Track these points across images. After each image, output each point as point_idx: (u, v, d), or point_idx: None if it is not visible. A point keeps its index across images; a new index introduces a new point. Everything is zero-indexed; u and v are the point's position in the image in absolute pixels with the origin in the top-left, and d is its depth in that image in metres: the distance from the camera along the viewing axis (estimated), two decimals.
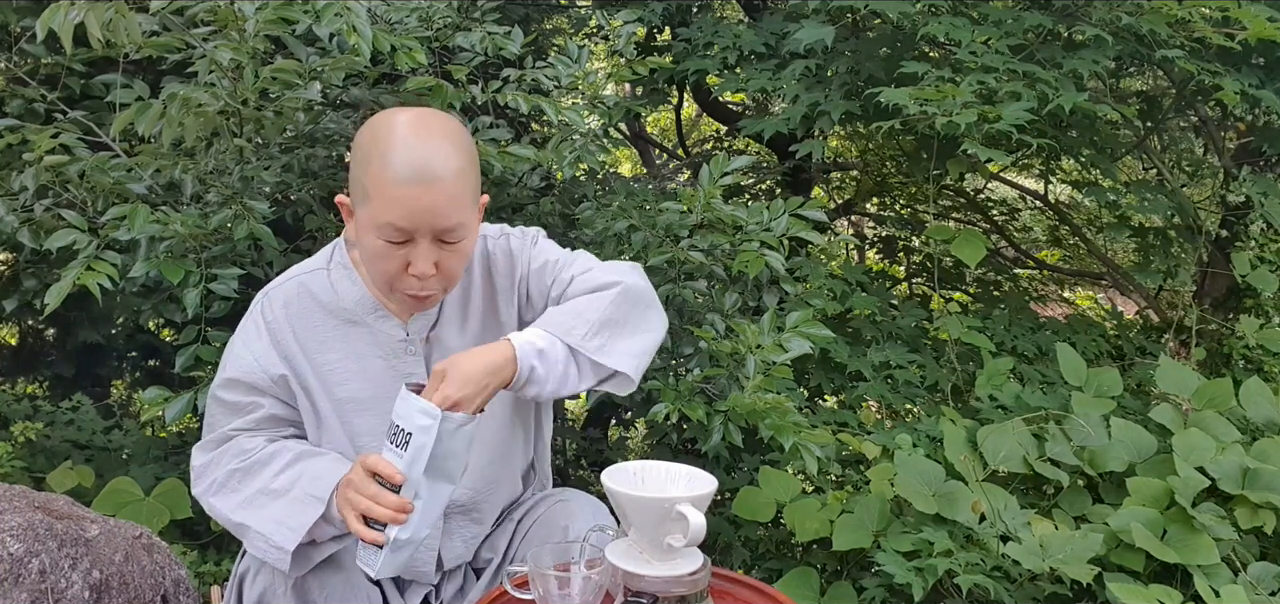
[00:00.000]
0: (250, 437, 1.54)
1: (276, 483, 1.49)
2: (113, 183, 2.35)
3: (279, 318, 1.55)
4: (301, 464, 1.50)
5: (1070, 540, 2.16)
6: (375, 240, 1.43)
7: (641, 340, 1.55)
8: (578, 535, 1.47)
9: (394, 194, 1.39)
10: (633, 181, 3.71)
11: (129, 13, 2.05)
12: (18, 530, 1.74)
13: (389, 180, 1.39)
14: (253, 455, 1.52)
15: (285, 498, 1.47)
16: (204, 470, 1.55)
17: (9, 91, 2.90)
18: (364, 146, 1.44)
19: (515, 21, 2.79)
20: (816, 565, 2.49)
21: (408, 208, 1.39)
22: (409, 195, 1.38)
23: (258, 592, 1.49)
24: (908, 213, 4.73)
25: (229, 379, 1.55)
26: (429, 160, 1.40)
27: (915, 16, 3.03)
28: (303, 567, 1.50)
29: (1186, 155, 4.38)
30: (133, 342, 4.13)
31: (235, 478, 1.51)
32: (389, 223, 1.40)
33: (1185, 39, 2.83)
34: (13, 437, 3.43)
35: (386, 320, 1.56)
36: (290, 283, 1.58)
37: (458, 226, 1.43)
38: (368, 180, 1.41)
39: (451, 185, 1.41)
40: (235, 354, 1.56)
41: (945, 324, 3.04)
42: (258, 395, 1.54)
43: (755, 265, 2.34)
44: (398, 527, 1.36)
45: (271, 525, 1.47)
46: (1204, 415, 2.51)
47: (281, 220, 2.73)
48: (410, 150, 1.39)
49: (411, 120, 1.43)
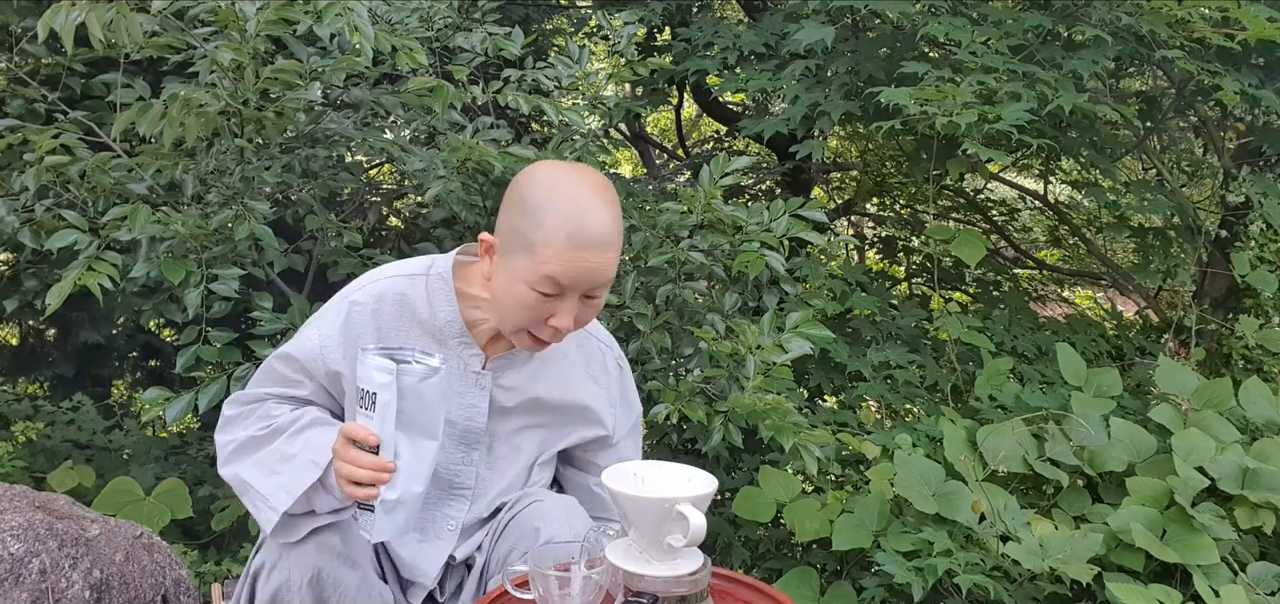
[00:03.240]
0: (279, 404, 1.59)
1: (287, 449, 1.53)
2: (113, 183, 2.35)
3: (366, 309, 1.58)
4: (309, 433, 1.53)
5: (1070, 540, 2.16)
6: (526, 291, 1.46)
7: None
8: (550, 538, 1.51)
9: (567, 255, 1.43)
10: (633, 182, 3.72)
11: (130, 13, 2.06)
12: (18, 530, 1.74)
13: (563, 240, 1.42)
14: (273, 423, 1.56)
15: (291, 463, 1.51)
16: (230, 423, 1.60)
17: (10, 92, 2.90)
18: (532, 200, 1.46)
19: (516, 22, 2.79)
20: (816, 565, 2.49)
21: (576, 269, 1.43)
22: (580, 258, 1.43)
23: (273, 587, 1.49)
24: (908, 213, 4.73)
25: (288, 354, 1.59)
26: (602, 223, 1.44)
27: (915, 16, 3.03)
28: (291, 533, 1.52)
29: (1186, 155, 4.39)
30: (133, 342, 4.13)
31: (252, 445, 1.56)
32: (551, 277, 1.43)
33: (1185, 39, 2.83)
34: (13, 436, 3.44)
35: (469, 349, 1.60)
36: (388, 282, 1.61)
37: (607, 287, 1.50)
38: (537, 235, 1.44)
39: (616, 250, 1.47)
40: (305, 336, 1.60)
41: (945, 324, 3.04)
42: (306, 377, 1.59)
43: (755, 266, 2.35)
44: (386, 487, 1.39)
45: (271, 487, 1.51)
46: (1203, 415, 2.51)
47: (282, 220, 2.73)
48: (585, 213, 1.43)
49: (583, 183, 1.47)
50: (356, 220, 2.79)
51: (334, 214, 2.78)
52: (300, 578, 1.49)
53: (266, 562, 1.51)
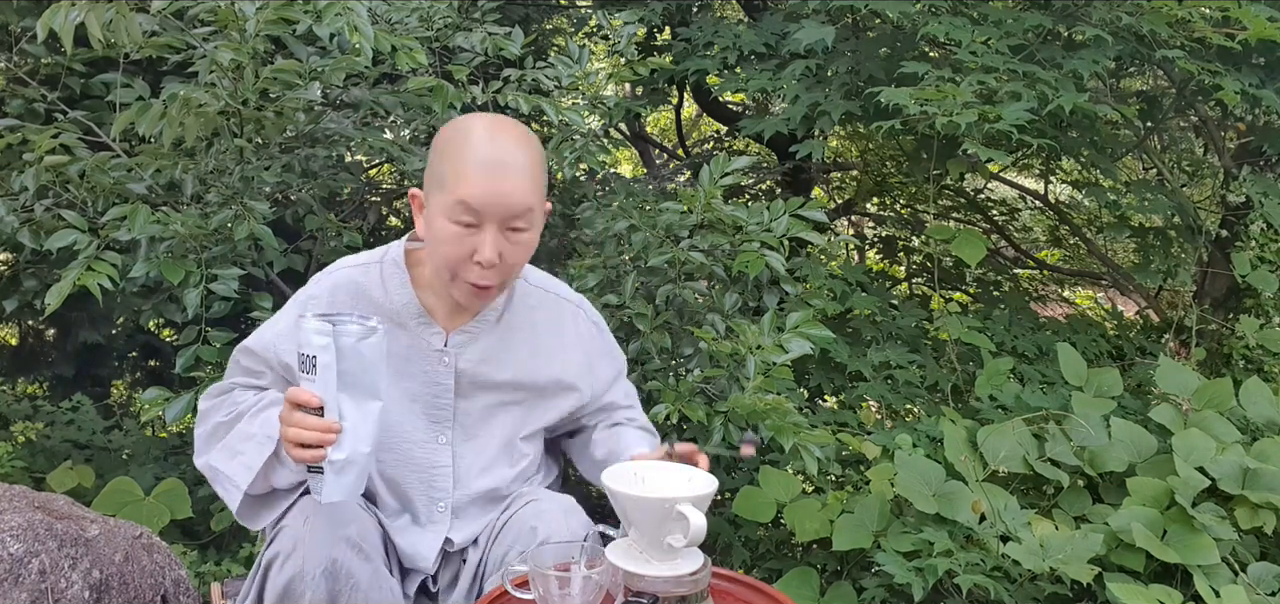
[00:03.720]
0: (243, 393, 1.64)
1: (247, 429, 1.58)
2: (113, 183, 2.35)
3: (321, 302, 1.62)
4: (267, 412, 1.57)
5: (1070, 540, 2.16)
6: (446, 225, 1.51)
7: None
8: (547, 537, 1.52)
9: (472, 174, 1.49)
10: (633, 182, 3.71)
11: (129, 13, 2.06)
12: (18, 530, 1.74)
13: (468, 162, 1.50)
14: (237, 408, 1.61)
15: (250, 441, 1.56)
16: (204, 416, 1.66)
17: (9, 91, 2.90)
18: (445, 138, 1.56)
19: (515, 22, 2.79)
20: (816, 565, 2.49)
21: (486, 191, 1.49)
22: (488, 180, 1.49)
23: (287, 577, 1.49)
24: (908, 213, 4.73)
25: (247, 347, 1.66)
26: (507, 149, 1.52)
27: (915, 16, 3.03)
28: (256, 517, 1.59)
29: (1186, 155, 4.39)
30: (133, 342, 4.13)
31: (220, 430, 1.62)
32: (463, 201, 1.49)
33: (1185, 39, 2.83)
34: (13, 437, 3.44)
35: (429, 328, 1.63)
36: (341, 272, 1.66)
37: (525, 214, 1.53)
38: (446, 169, 1.51)
39: (525, 172, 1.52)
40: (262, 328, 1.67)
41: (945, 324, 3.04)
42: (265, 368, 1.64)
43: (755, 266, 2.34)
44: (333, 448, 1.41)
45: (234, 468, 1.56)
46: (1204, 415, 2.51)
47: (282, 220, 2.73)
48: (491, 139, 1.52)
49: (491, 119, 1.57)
50: (356, 220, 2.79)
51: (334, 214, 2.78)
52: (315, 569, 1.49)
53: (282, 551, 1.51)
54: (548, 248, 2.92)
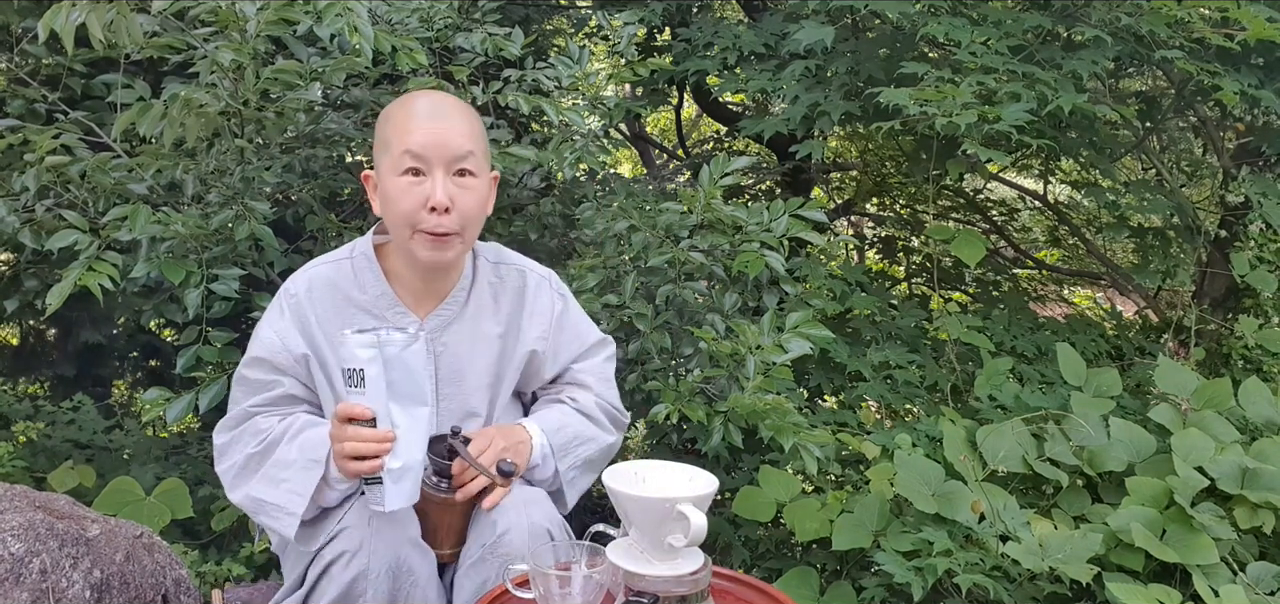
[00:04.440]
0: (267, 416, 1.65)
1: (285, 456, 1.59)
2: (114, 183, 2.35)
3: (301, 300, 1.66)
4: (304, 435, 1.60)
5: (1070, 540, 2.16)
6: (396, 180, 1.58)
7: (588, 485, 1.80)
8: (506, 529, 1.57)
9: (411, 124, 1.58)
10: (633, 182, 3.71)
11: (130, 13, 2.06)
12: (19, 530, 1.75)
13: (409, 115, 1.59)
14: (267, 436, 1.62)
15: (293, 468, 1.58)
16: (225, 450, 1.67)
17: (10, 92, 2.90)
18: (386, 109, 1.65)
19: (516, 22, 2.79)
20: (816, 565, 2.49)
21: (426, 134, 1.57)
22: (424, 124, 1.57)
23: (352, 575, 1.52)
24: (908, 213, 4.73)
25: (254, 358, 1.67)
26: (443, 103, 1.63)
27: (915, 17, 3.03)
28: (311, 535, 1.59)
29: (1186, 155, 4.39)
30: (133, 342, 4.13)
31: (253, 462, 1.62)
32: (406, 150, 1.56)
33: (1185, 39, 2.83)
34: (14, 436, 3.44)
35: (404, 316, 1.67)
36: (313, 270, 1.70)
37: (469, 157, 1.59)
38: (390, 129, 1.60)
39: (463, 120, 1.61)
40: (261, 337, 1.68)
41: (945, 324, 3.04)
42: (279, 374, 1.65)
43: (755, 266, 2.35)
44: (389, 456, 1.45)
45: (281, 496, 1.58)
46: (1203, 415, 2.51)
47: (282, 221, 2.73)
48: (428, 97, 1.64)
49: (429, 90, 1.71)
50: (356, 220, 2.79)
51: (334, 214, 2.78)
52: (380, 567, 1.52)
53: (347, 550, 1.53)
54: (548, 248, 2.92)
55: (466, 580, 1.60)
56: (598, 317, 2.31)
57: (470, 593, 1.58)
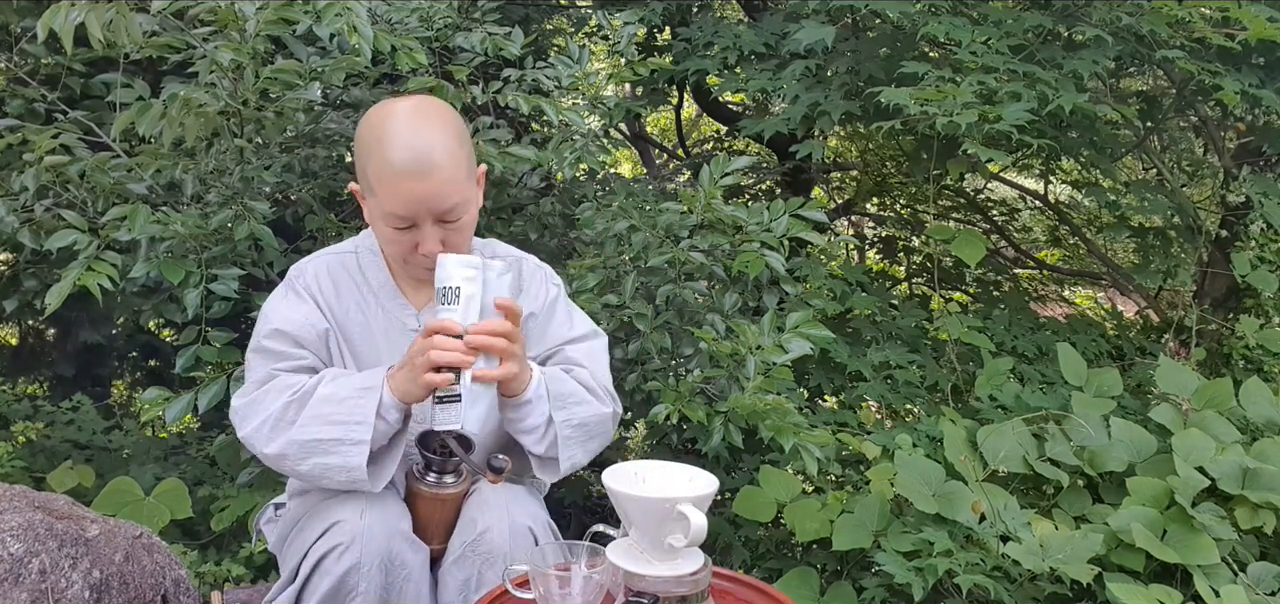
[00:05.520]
0: (291, 375, 1.60)
1: (334, 392, 1.54)
2: (113, 183, 2.35)
3: (314, 285, 1.67)
4: (342, 378, 1.57)
5: (1070, 540, 2.16)
6: (385, 227, 1.56)
7: (583, 456, 1.67)
8: (486, 528, 1.56)
9: (394, 187, 1.50)
10: (633, 182, 3.71)
11: (129, 13, 2.06)
12: (18, 530, 1.74)
13: (388, 175, 1.50)
14: (300, 388, 1.56)
15: (346, 402, 1.52)
16: (249, 411, 1.57)
17: (10, 91, 2.90)
18: (364, 141, 1.56)
19: (515, 22, 2.79)
20: (816, 565, 2.48)
21: (408, 199, 1.51)
22: (407, 188, 1.50)
23: (345, 568, 1.51)
24: (908, 213, 4.73)
25: (276, 330, 1.62)
26: (423, 152, 1.50)
27: (915, 16, 3.03)
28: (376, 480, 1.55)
29: (1186, 155, 4.38)
30: (133, 342, 4.13)
31: (292, 409, 1.54)
32: (392, 213, 1.53)
33: (1185, 39, 2.83)
34: (13, 436, 3.44)
35: (402, 307, 1.68)
36: (320, 260, 1.71)
37: (457, 207, 1.55)
38: (371, 175, 1.54)
39: (447, 171, 1.52)
40: (278, 312, 1.64)
41: (945, 324, 3.04)
42: (301, 348, 1.63)
43: (755, 266, 2.34)
44: (469, 372, 1.46)
45: (339, 432, 1.51)
46: (1204, 415, 2.51)
47: (282, 220, 2.73)
48: (405, 144, 1.50)
49: (404, 112, 1.54)
50: (356, 220, 2.79)
51: (334, 214, 2.78)
52: (372, 561, 1.51)
53: (340, 544, 1.51)
54: (548, 248, 2.92)
55: (448, 577, 1.59)
56: (598, 316, 2.30)
57: (453, 590, 1.58)
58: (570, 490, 3.57)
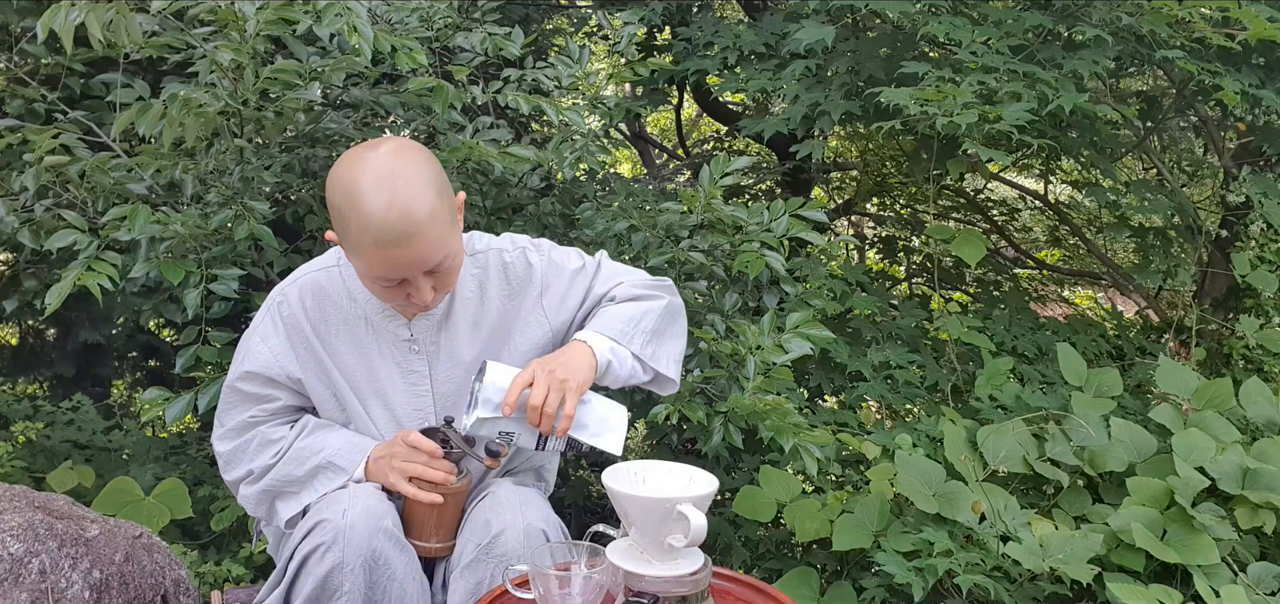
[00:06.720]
0: (273, 428, 1.66)
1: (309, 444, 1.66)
2: (113, 183, 2.35)
3: (296, 313, 1.65)
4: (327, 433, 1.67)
5: (1070, 540, 2.16)
6: (372, 283, 1.54)
7: (679, 346, 1.75)
8: (500, 529, 1.56)
9: (377, 256, 1.46)
10: (633, 182, 3.71)
11: (129, 13, 2.05)
12: (18, 530, 1.74)
13: (369, 245, 1.45)
14: (280, 444, 1.65)
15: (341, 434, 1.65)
16: (233, 459, 1.68)
17: (9, 91, 2.90)
18: (339, 205, 1.47)
19: (515, 22, 2.79)
20: (816, 565, 2.49)
21: (392, 265, 1.47)
22: (390, 256, 1.46)
23: (327, 568, 1.50)
24: (908, 213, 4.73)
25: (247, 372, 1.65)
26: (403, 217, 1.43)
27: (915, 16, 3.03)
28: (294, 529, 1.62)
29: (1186, 155, 4.39)
30: (133, 342, 4.13)
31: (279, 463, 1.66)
32: (378, 278, 1.50)
33: (1185, 39, 2.83)
34: (13, 436, 3.43)
35: (393, 321, 1.66)
36: (305, 279, 1.67)
37: (444, 260, 1.51)
38: (350, 241, 1.48)
39: (430, 232, 1.46)
40: (252, 350, 1.66)
41: (945, 324, 3.04)
42: (274, 388, 1.65)
43: (755, 266, 2.34)
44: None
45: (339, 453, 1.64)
46: (1204, 415, 2.51)
47: (282, 220, 2.73)
48: (383, 212, 1.42)
49: (378, 174, 1.44)
50: None
51: None
52: (355, 560, 1.50)
53: (323, 543, 1.51)
54: None
55: (461, 581, 1.58)
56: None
57: (465, 594, 1.57)
58: (570, 490, 3.58)
